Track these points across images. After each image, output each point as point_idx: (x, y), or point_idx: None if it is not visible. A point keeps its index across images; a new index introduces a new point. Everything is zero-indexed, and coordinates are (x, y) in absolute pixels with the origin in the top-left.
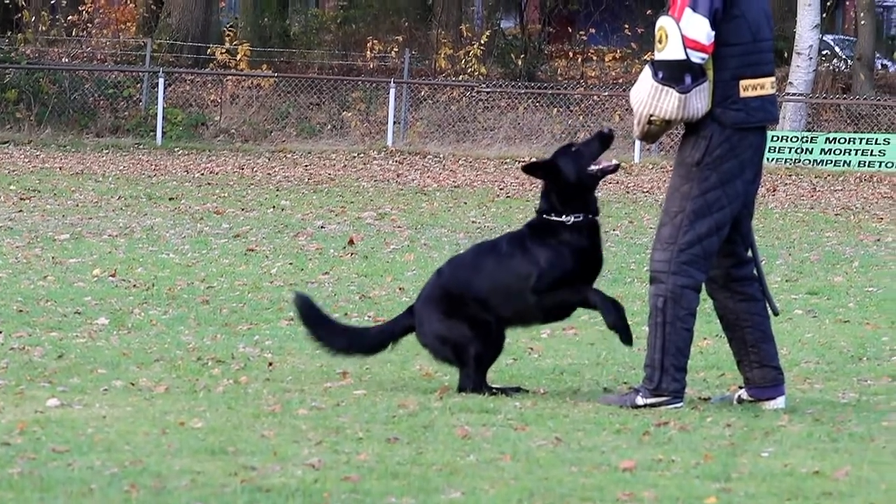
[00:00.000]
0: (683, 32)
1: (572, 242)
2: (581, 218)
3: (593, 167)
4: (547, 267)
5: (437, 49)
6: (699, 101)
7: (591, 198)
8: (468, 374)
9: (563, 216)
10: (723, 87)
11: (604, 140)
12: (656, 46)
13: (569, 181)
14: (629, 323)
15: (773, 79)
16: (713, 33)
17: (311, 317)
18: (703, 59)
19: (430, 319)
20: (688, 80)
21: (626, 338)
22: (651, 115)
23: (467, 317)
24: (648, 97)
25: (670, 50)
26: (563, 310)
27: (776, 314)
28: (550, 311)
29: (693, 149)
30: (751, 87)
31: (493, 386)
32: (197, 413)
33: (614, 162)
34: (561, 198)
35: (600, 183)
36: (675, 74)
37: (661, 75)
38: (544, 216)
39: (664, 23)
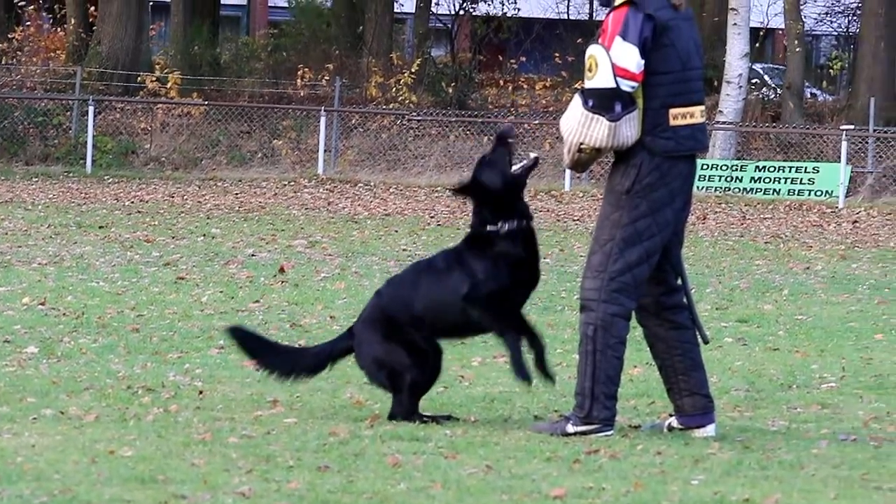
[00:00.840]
0: (613, 61)
1: (508, 252)
2: (515, 224)
3: (515, 167)
4: (483, 278)
5: (368, 77)
6: (629, 129)
7: (522, 203)
8: (401, 401)
9: (497, 225)
10: (652, 115)
11: (501, 138)
12: (586, 75)
13: (496, 190)
14: (552, 354)
15: (702, 107)
16: (643, 62)
17: (248, 341)
18: (633, 87)
19: (369, 342)
20: (618, 108)
21: (521, 378)
22: (581, 144)
23: (406, 342)
24: (578, 125)
25: (600, 78)
26: (486, 327)
27: (706, 342)
28: (477, 324)
29: (623, 177)
30: (680, 116)
31: (424, 414)
32: (127, 441)
33: (533, 156)
34: (492, 209)
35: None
36: (604, 103)
37: (591, 103)
38: (478, 229)
39: (594, 51)
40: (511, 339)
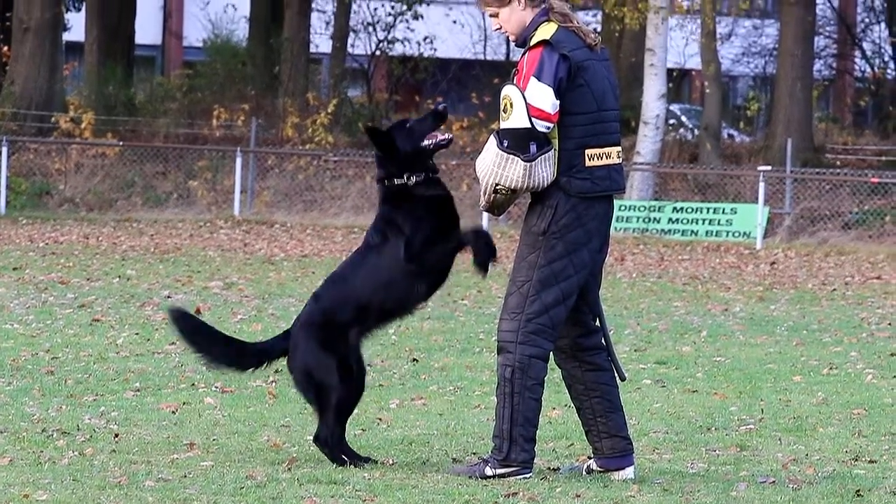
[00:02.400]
0: (528, 101)
1: (423, 195)
2: (422, 176)
3: (427, 141)
4: (411, 230)
5: (284, 117)
6: (544, 169)
7: (429, 163)
8: (327, 423)
9: (405, 178)
10: (568, 156)
11: (437, 116)
12: (501, 115)
13: (403, 153)
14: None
15: (619, 148)
16: (558, 102)
17: (188, 327)
18: (548, 127)
19: (305, 348)
20: (533, 148)
21: (483, 265)
22: (497, 184)
23: (340, 356)
24: (494, 166)
25: (515, 118)
26: (442, 270)
27: (623, 379)
28: (430, 274)
29: (539, 218)
30: (596, 157)
31: (348, 448)
32: (41, 485)
33: (448, 136)
34: (397, 165)
35: None
36: (519, 143)
37: (506, 144)
38: (386, 182)
39: (509, 91)
40: (467, 238)
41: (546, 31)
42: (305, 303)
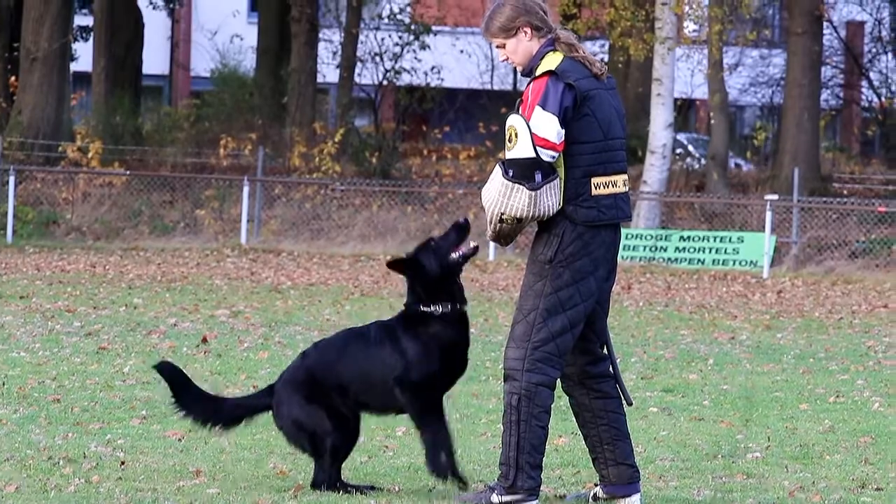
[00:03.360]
0: (533, 131)
1: (441, 335)
2: (449, 308)
3: (454, 255)
4: (414, 360)
5: (291, 147)
6: (550, 198)
7: (457, 287)
8: (323, 467)
9: (431, 307)
10: (574, 184)
11: (460, 229)
12: (506, 145)
13: (432, 273)
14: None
15: (625, 176)
16: (563, 132)
17: (174, 379)
18: (553, 157)
19: (290, 402)
20: (538, 177)
21: (437, 472)
22: (502, 214)
23: (328, 406)
24: (499, 195)
25: (520, 148)
26: (407, 411)
27: (629, 405)
28: (401, 406)
29: (545, 246)
30: (602, 185)
31: (348, 483)
32: None
33: (473, 244)
34: (427, 290)
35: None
36: (525, 172)
37: (511, 173)
38: (413, 307)
39: (514, 121)
40: (430, 433)
41: (552, 60)
42: (291, 361)
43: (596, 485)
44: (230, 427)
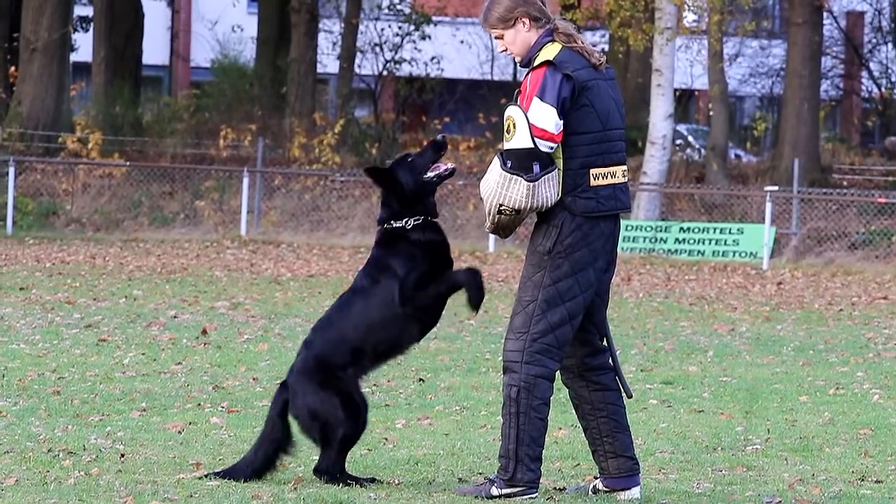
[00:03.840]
0: (531, 121)
1: (419, 240)
2: (420, 220)
3: (430, 174)
4: (405, 273)
5: (291, 138)
6: (548, 189)
7: (431, 202)
8: (329, 455)
9: (404, 221)
10: (573, 175)
11: (437, 147)
12: (505, 136)
13: (407, 189)
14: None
15: (624, 167)
16: (561, 122)
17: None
18: (552, 147)
19: (305, 391)
20: (536, 168)
21: (476, 306)
22: (501, 205)
23: (342, 392)
24: (497, 186)
25: (518, 139)
26: (434, 310)
27: (629, 397)
28: (423, 316)
29: (544, 237)
30: (601, 176)
31: (349, 475)
32: None
33: (450, 165)
34: (400, 204)
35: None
36: (523, 163)
37: (509, 164)
38: (385, 225)
39: (512, 112)
40: (460, 277)
41: (550, 51)
42: (297, 352)
43: (596, 477)
44: (286, 447)
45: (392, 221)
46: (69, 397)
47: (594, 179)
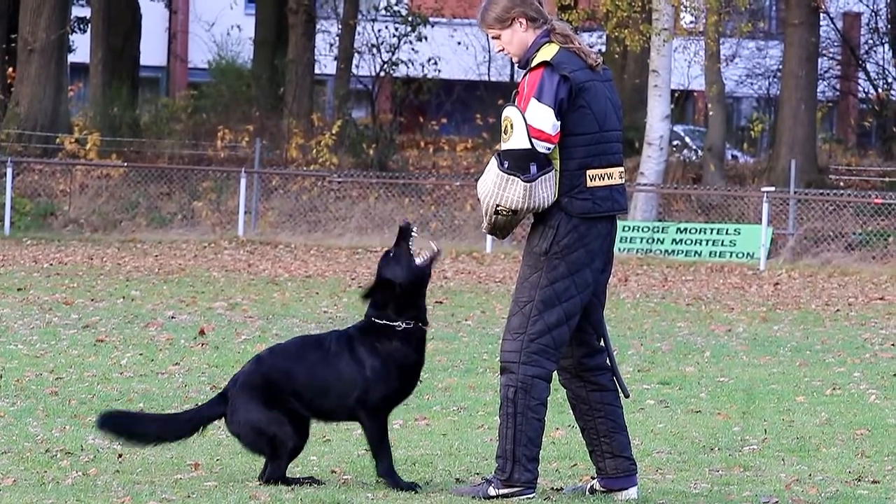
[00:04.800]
0: (528, 122)
1: (399, 353)
2: (412, 325)
3: (418, 260)
4: (373, 378)
5: (289, 138)
6: (545, 190)
7: (423, 301)
8: (280, 466)
9: (395, 322)
10: (569, 176)
11: (401, 232)
12: (502, 137)
13: (403, 283)
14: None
15: (621, 168)
16: (559, 123)
17: (119, 424)
18: (549, 148)
19: (248, 408)
20: (533, 169)
21: (394, 484)
22: (498, 205)
23: (287, 410)
24: (494, 187)
25: (515, 139)
26: (357, 420)
27: (627, 397)
28: (362, 420)
29: (541, 238)
30: (598, 177)
31: (291, 478)
32: None
33: (434, 247)
34: (394, 303)
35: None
36: (520, 164)
37: (506, 165)
38: (374, 320)
39: (509, 113)
40: (385, 458)
41: (547, 52)
42: (244, 365)
43: (593, 477)
44: (184, 439)
45: (383, 319)
46: (67, 398)
47: (591, 180)
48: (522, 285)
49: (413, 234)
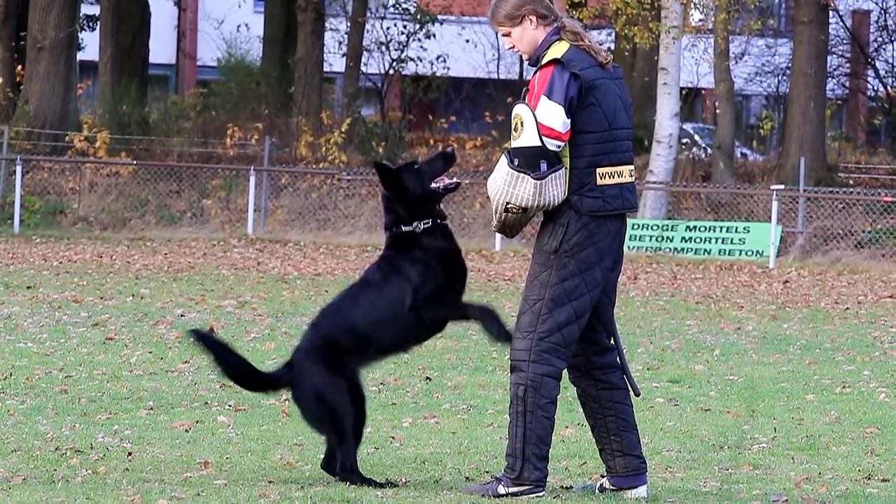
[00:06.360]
0: (539, 120)
1: (433, 247)
2: (430, 223)
3: (436, 184)
4: (419, 280)
5: (298, 136)
6: (555, 188)
7: (436, 208)
8: (348, 452)
9: (413, 225)
10: (579, 174)
11: (446, 159)
12: (512, 134)
13: (411, 195)
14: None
15: (631, 167)
16: (569, 121)
17: (213, 345)
18: (559, 146)
19: (311, 372)
20: (543, 166)
21: (506, 338)
22: (507, 203)
23: (346, 377)
24: (504, 185)
25: (526, 137)
26: (441, 324)
27: (637, 395)
28: (430, 327)
29: (550, 236)
30: (608, 175)
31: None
32: None
33: (455, 179)
34: (405, 209)
35: None
36: (530, 161)
37: (516, 162)
38: (394, 229)
39: (520, 110)
40: (474, 311)
41: (557, 49)
42: (303, 333)
43: (602, 476)
44: (258, 391)
45: (401, 226)
46: (76, 396)
47: (601, 178)
48: (532, 283)
49: (451, 163)
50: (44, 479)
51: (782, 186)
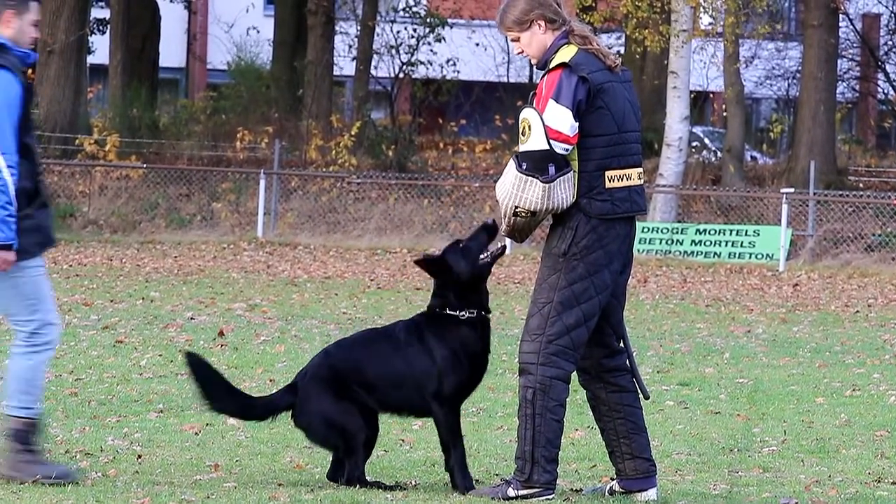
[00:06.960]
0: (546, 123)
1: (469, 341)
2: (475, 314)
3: (483, 256)
4: (444, 368)
5: (308, 140)
6: (564, 191)
7: (484, 291)
8: (357, 463)
9: (457, 312)
10: (588, 177)
11: (489, 230)
12: (520, 138)
13: (462, 276)
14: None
15: (639, 169)
16: (577, 124)
17: (201, 371)
18: (567, 149)
19: (319, 399)
20: (551, 170)
21: (465, 486)
22: (516, 207)
23: (357, 402)
24: (513, 188)
25: (533, 141)
26: (431, 416)
27: (647, 398)
28: (425, 412)
29: (559, 239)
30: (616, 178)
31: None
32: None
33: (500, 244)
34: (455, 293)
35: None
36: (538, 165)
37: (524, 166)
38: (437, 310)
39: (527, 114)
40: (458, 454)
41: (566, 53)
42: (312, 357)
43: (612, 479)
44: (252, 420)
45: (444, 309)
46: (86, 399)
47: (609, 181)
48: (541, 286)
49: (492, 235)
50: (54, 482)
51: (792, 190)
